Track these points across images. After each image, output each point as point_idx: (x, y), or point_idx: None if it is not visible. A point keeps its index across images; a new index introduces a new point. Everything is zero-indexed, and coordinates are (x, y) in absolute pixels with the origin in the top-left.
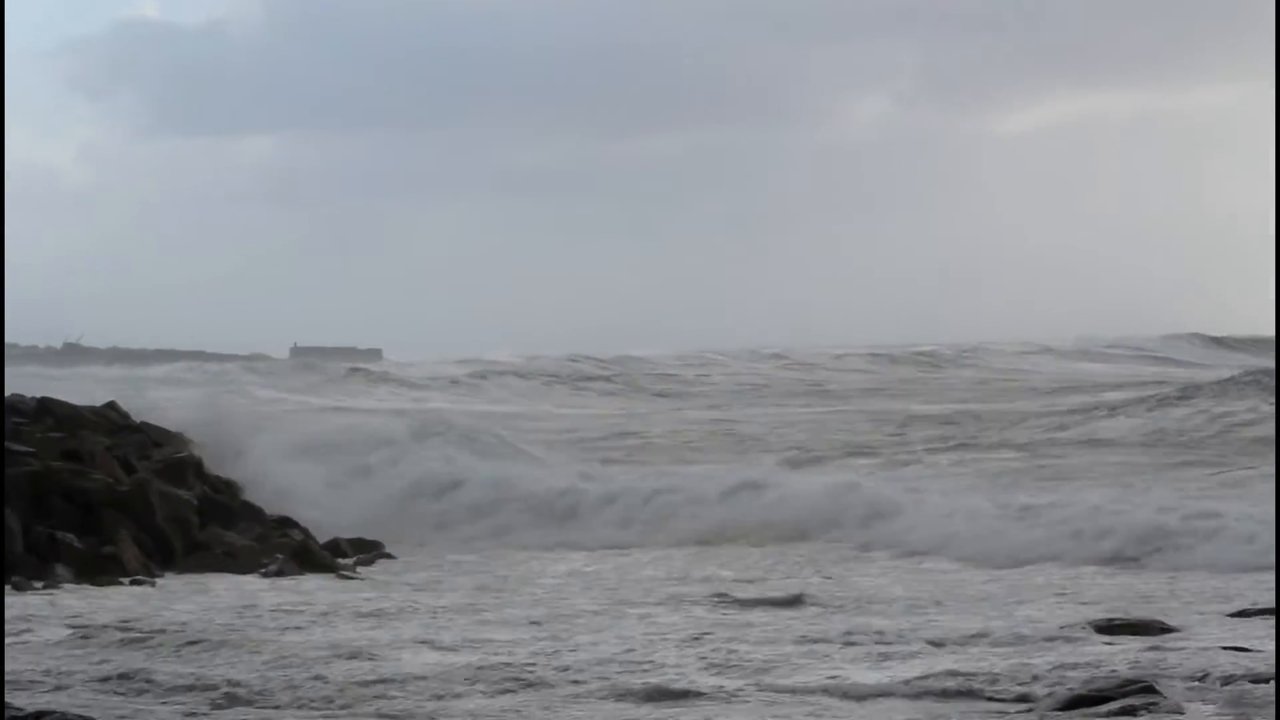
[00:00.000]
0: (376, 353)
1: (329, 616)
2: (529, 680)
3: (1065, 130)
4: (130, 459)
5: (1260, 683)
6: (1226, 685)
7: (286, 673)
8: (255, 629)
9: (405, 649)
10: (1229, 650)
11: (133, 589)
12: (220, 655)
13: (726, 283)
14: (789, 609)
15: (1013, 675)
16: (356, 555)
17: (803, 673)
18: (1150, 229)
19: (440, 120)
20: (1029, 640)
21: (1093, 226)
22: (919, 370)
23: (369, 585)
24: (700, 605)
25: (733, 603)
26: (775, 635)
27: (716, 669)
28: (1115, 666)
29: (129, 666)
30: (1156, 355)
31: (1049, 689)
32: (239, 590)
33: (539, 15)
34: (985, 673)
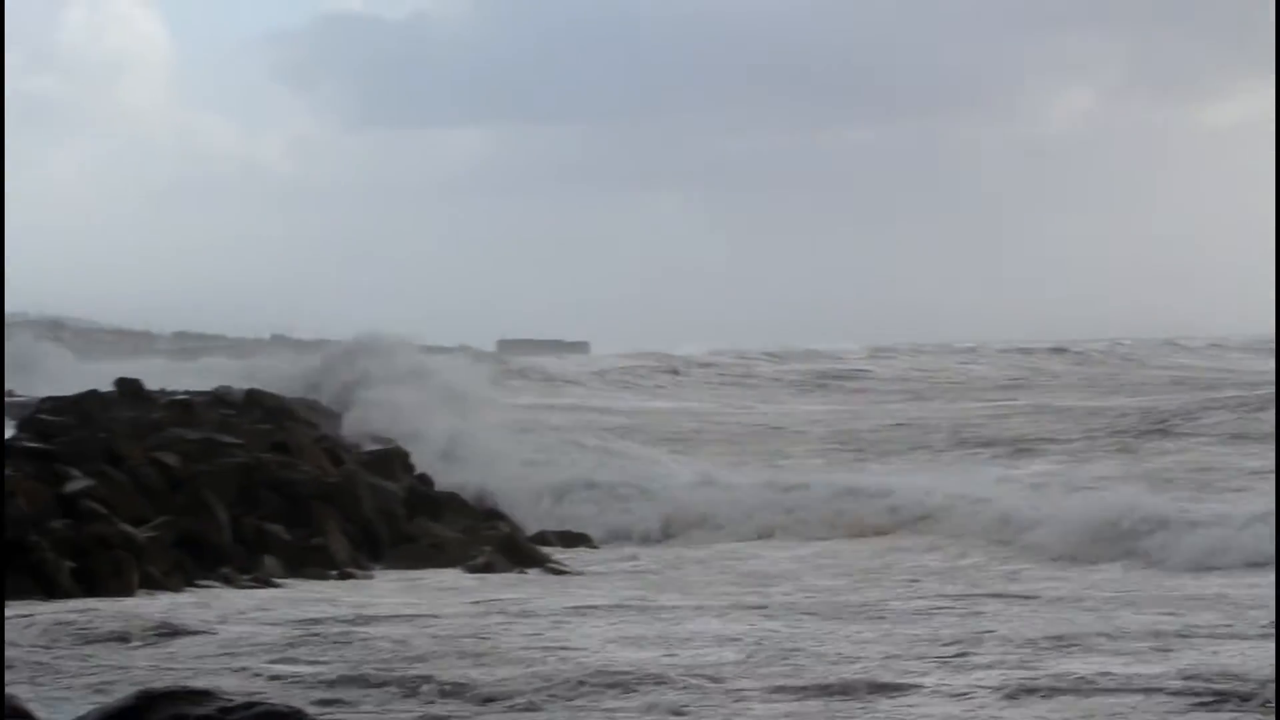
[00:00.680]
0: (584, 345)
1: (554, 611)
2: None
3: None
4: (338, 451)
5: None
6: None
7: (522, 670)
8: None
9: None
10: None
11: (343, 582)
12: (445, 653)
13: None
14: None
15: None
16: (563, 547)
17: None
18: None
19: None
20: None
21: None
22: (1123, 366)
23: (587, 579)
24: None
25: None
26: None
27: None
28: None
29: (349, 663)
30: None
31: None
32: (456, 585)
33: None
34: None
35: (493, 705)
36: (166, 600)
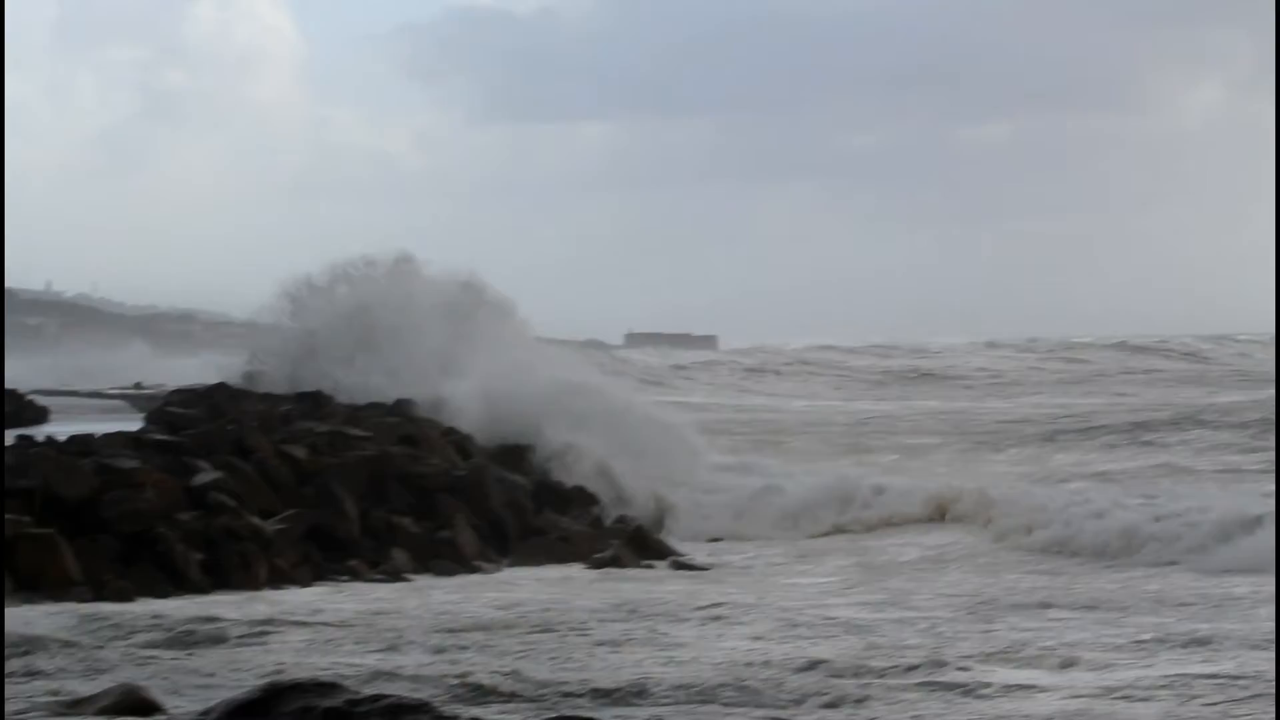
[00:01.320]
0: (711, 339)
1: (699, 607)
2: None
3: None
4: (466, 444)
5: None
6: None
7: (688, 670)
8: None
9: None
10: None
11: (472, 576)
12: (580, 649)
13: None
14: None
15: None
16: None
17: None
18: None
19: (774, 104)
20: None
21: None
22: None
23: (717, 574)
24: None
25: None
26: None
27: None
28: None
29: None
30: None
31: None
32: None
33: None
34: None
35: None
36: (295, 593)
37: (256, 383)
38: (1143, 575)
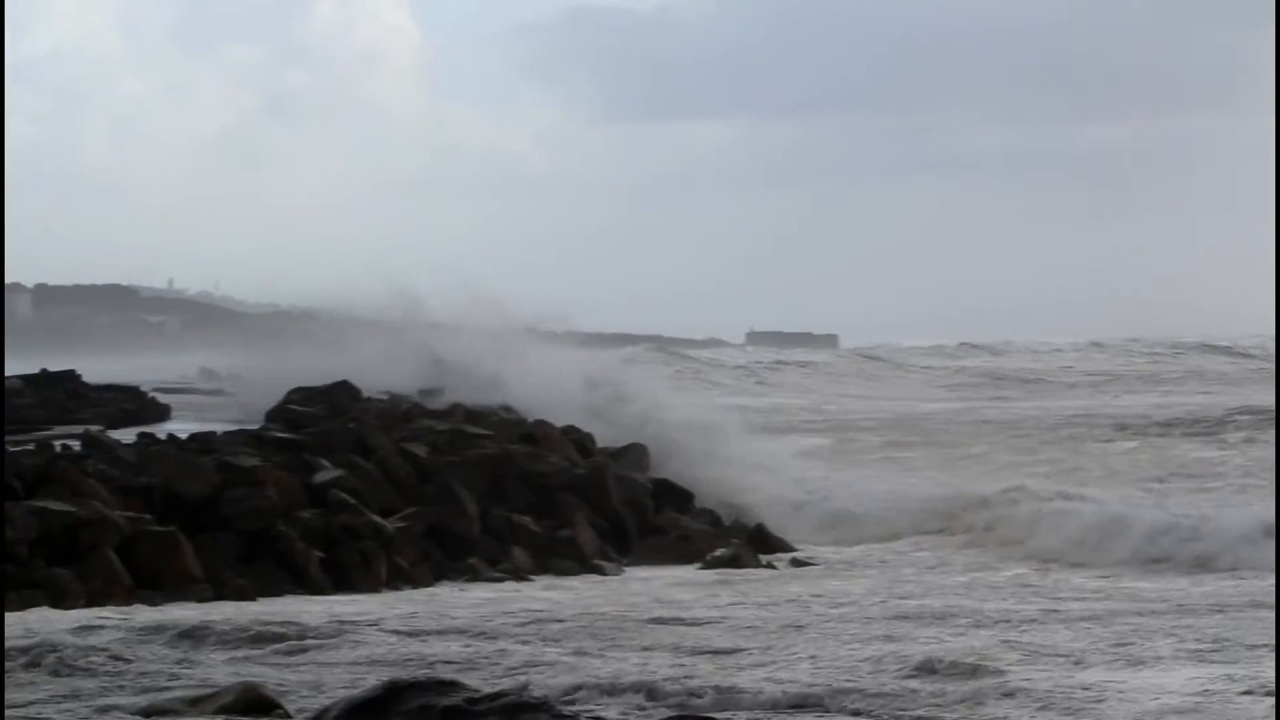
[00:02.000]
0: (832, 338)
1: (856, 607)
2: None
3: None
4: (587, 443)
5: None
6: None
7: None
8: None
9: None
10: None
11: (590, 576)
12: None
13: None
14: None
15: None
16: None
17: None
18: None
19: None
20: None
21: None
22: None
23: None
24: None
25: None
26: None
27: None
28: None
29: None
30: None
31: None
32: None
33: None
34: None
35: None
36: (413, 593)
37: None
38: None
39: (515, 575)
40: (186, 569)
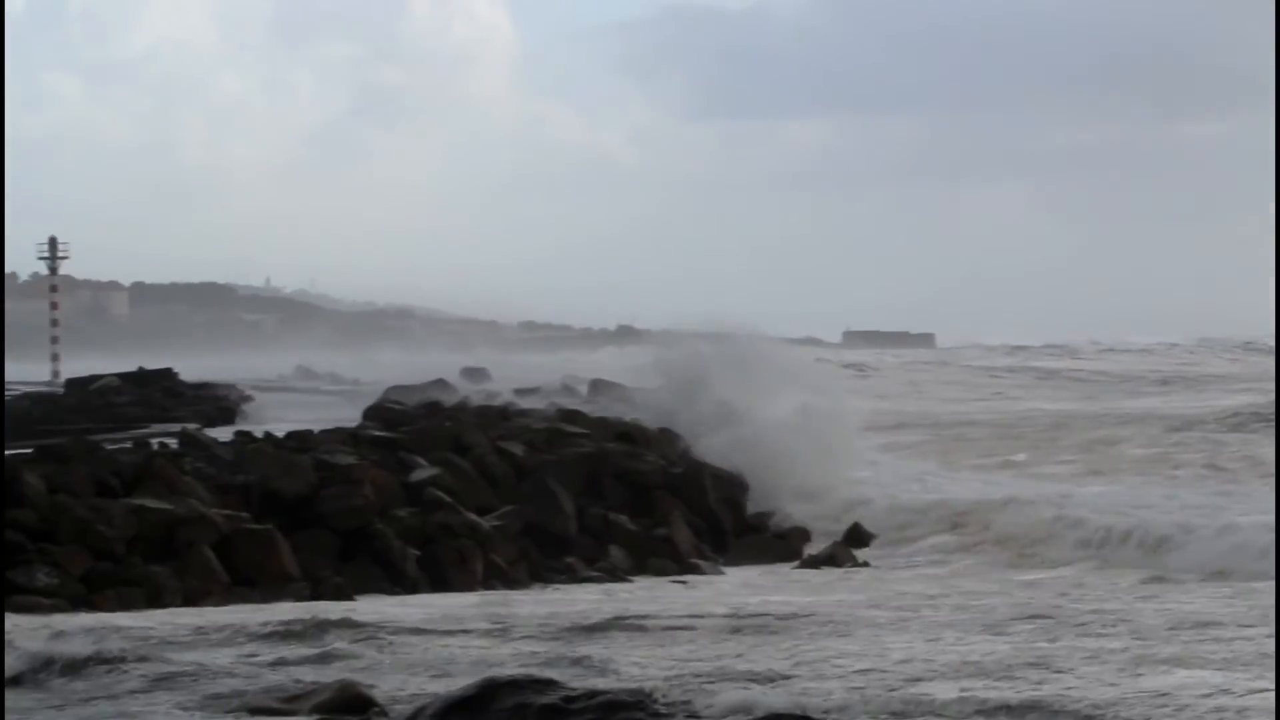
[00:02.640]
0: (929, 337)
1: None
2: None
3: None
4: (681, 440)
5: None
6: None
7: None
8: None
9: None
10: None
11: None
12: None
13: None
14: None
15: None
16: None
17: None
18: None
19: (992, 102)
20: None
21: None
22: None
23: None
24: None
25: None
26: None
27: None
28: None
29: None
30: None
31: None
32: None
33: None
34: None
35: None
36: (506, 592)
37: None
38: None
39: (612, 574)
40: (283, 567)
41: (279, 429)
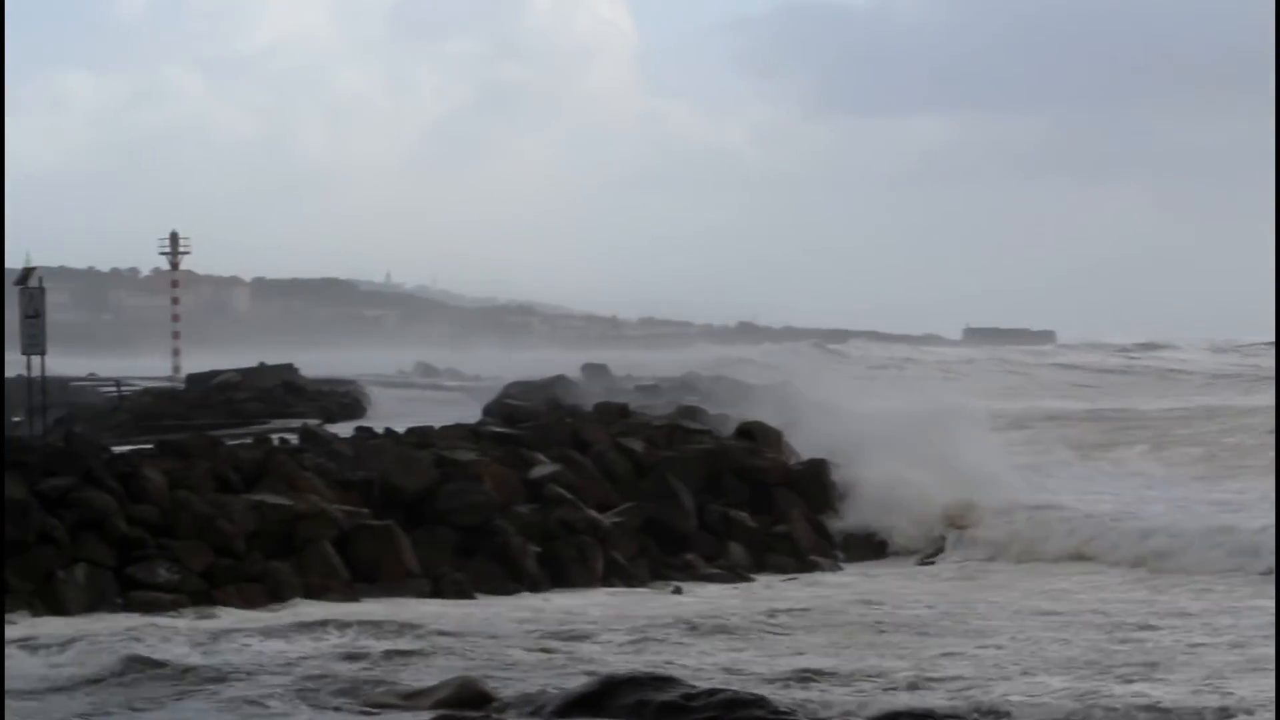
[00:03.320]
0: (1049, 334)
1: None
2: None
3: None
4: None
5: None
6: None
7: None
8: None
9: None
10: None
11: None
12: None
13: None
14: None
15: None
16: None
17: None
18: None
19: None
20: None
21: None
22: None
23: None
24: None
25: None
26: None
27: None
28: None
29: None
30: None
31: None
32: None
33: None
34: None
35: None
36: (623, 592)
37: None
38: None
39: (733, 571)
40: (404, 563)
41: (399, 425)
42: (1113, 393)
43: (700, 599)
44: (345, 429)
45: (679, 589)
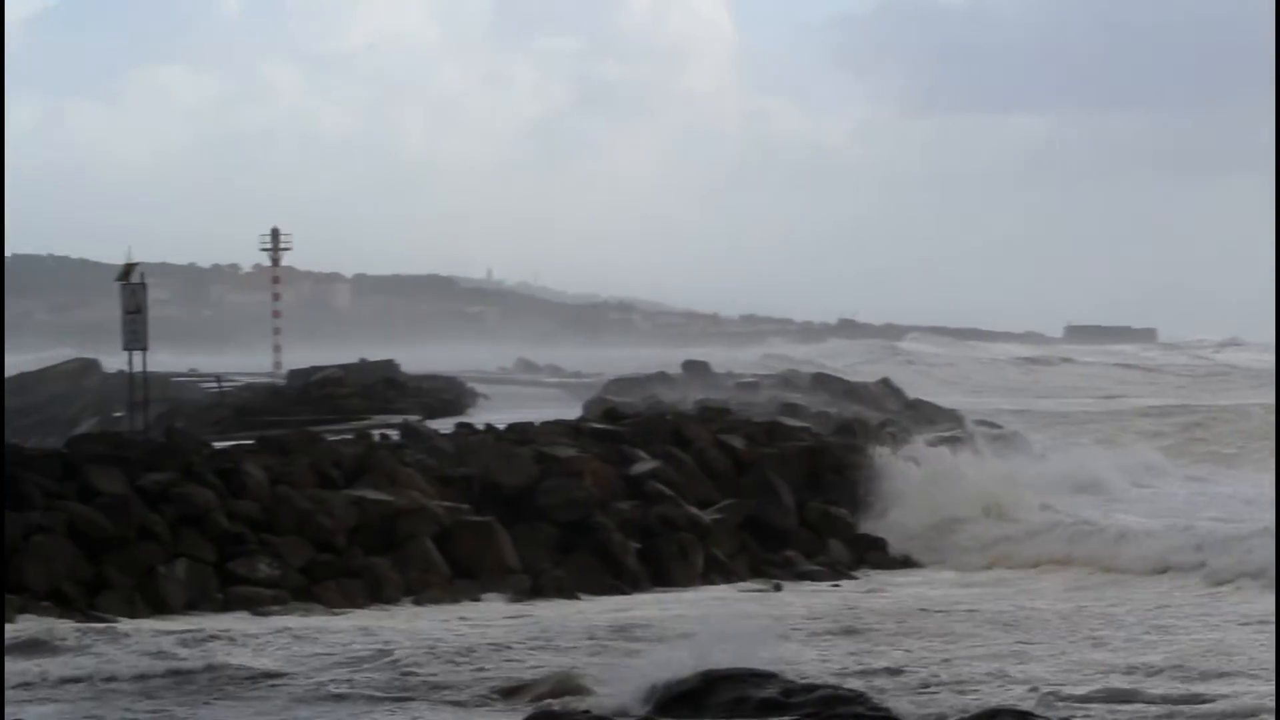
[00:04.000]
0: (1150, 332)
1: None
2: None
3: None
4: (902, 435)
5: None
6: None
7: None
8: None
9: None
10: None
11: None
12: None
13: None
14: None
15: None
16: None
17: None
18: None
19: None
20: None
21: None
22: None
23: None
24: None
25: None
26: None
27: None
28: None
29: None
30: None
31: None
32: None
33: None
34: None
35: None
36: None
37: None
38: None
39: (833, 569)
40: (504, 559)
41: (500, 421)
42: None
43: (800, 596)
44: (446, 425)
45: (779, 586)
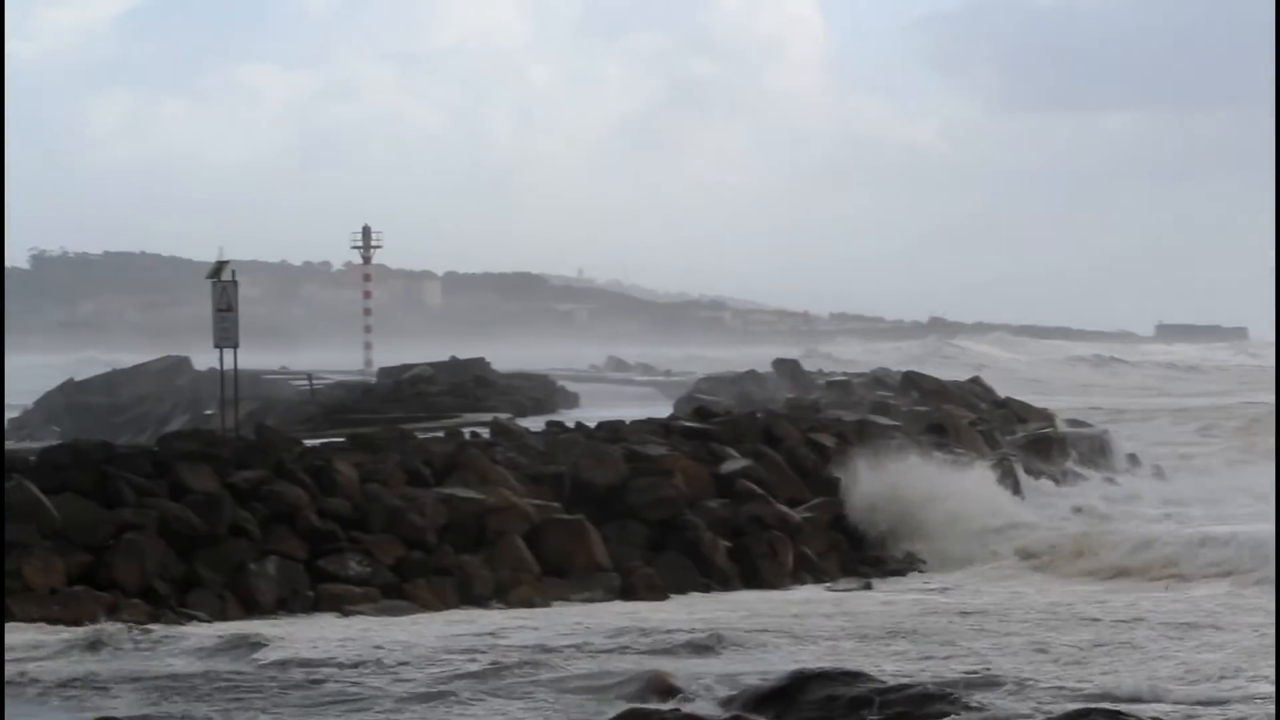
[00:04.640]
0: (1241, 331)
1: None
2: None
3: None
4: (994, 434)
5: None
6: None
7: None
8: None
9: None
10: None
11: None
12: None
13: None
14: None
15: None
16: None
17: None
18: None
19: None
20: None
21: None
22: None
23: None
24: None
25: None
26: None
27: None
28: None
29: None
30: None
31: None
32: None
33: None
34: None
35: None
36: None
37: None
38: None
39: (919, 569)
40: (594, 558)
41: (590, 419)
42: None
43: (891, 594)
44: (536, 423)
45: (869, 585)
